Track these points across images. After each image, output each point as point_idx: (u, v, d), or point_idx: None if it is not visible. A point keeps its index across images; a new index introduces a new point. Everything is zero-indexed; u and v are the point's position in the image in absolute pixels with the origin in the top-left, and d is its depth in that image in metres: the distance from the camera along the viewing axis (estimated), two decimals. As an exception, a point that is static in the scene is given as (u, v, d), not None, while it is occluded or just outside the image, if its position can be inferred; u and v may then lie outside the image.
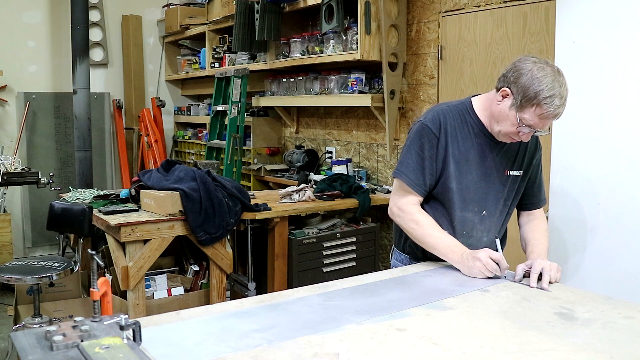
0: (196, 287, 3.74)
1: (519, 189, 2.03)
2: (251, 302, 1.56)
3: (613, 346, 1.30)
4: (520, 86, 1.74)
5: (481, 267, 1.79)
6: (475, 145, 1.93)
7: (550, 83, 1.71)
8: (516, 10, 3.27)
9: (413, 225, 1.94)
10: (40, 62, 5.79)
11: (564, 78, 1.76)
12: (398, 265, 2.12)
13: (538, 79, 1.72)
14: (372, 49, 3.88)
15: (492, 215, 1.99)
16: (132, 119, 6.31)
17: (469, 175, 1.93)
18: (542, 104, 1.72)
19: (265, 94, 5.12)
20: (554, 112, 1.73)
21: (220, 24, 5.41)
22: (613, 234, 2.58)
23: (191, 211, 3.20)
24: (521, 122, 1.77)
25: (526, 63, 1.77)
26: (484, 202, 1.96)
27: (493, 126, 1.88)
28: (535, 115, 1.75)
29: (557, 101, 1.72)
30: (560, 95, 1.72)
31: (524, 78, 1.74)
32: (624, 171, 2.54)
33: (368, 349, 1.26)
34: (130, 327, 1.10)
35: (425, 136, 1.91)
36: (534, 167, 2.04)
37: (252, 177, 5.20)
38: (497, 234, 2.00)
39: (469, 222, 1.97)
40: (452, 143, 1.91)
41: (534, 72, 1.73)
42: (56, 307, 3.79)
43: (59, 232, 3.72)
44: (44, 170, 4.62)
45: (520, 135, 1.82)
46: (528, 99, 1.73)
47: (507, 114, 1.80)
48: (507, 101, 1.80)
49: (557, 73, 1.74)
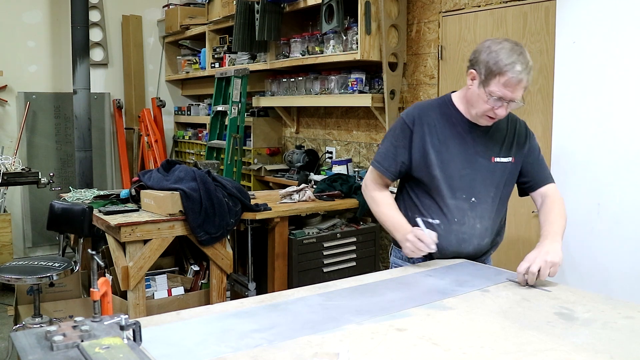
0: (196, 287, 3.74)
1: (512, 175, 2.06)
2: (251, 302, 1.56)
3: (613, 346, 1.30)
4: (482, 62, 1.85)
5: (411, 247, 1.91)
6: (455, 134, 2.00)
7: (507, 52, 1.81)
8: (516, 10, 3.27)
9: (371, 201, 2.14)
10: (41, 62, 5.79)
11: (525, 50, 1.85)
12: (397, 263, 2.16)
13: (496, 51, 1.83)
14: (372, 49, 3.88)
15: (484, 202, 2.02)
16: (132, 119, 6.31)
17: (452, 163, 1.99)
18: (504, 71, 1.81)
19: (265, 94, 5.12)
20: (517, 78, 1.81)
21: (221, 24, 5.41)
22: (613, 234, 2.58)
23: (191, 211, 3.20)
24: (490, 96, 1.85)
25: (485, 43, 1.89)
26: (472, 189, 2.00)
27: (470, 111, 1.97)
28: (500, 85, 1.83)
29: (518, 67, 1.80)
30: (521, 62, 1.81)
31: (483, 54, 1.86)
32: (624, 171, 2.54)
33: (368, 349, 1.26)
34: (130, 327, 1.10)
35: (399, 127, 2.05)
36: (527, 153, 2.07)
37: (252, 177, 5.20)
38: (492, 221, 2.05)
39: (459, 210, 2.01)
40: (430, 133, 2.00)
41: (491, 47, 1.85)
42: (56, 307, 3.79)
43: (59, 232, 3.72)
44: (44, 171, 4.62)
45: (496, 110, 1.89)
46: (490, 72, 1.83)
47: (477, 93, 1.90)
48: (475, 82, 1.91)
49: (514, 45, 1.84)
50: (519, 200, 3.26)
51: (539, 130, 3.18)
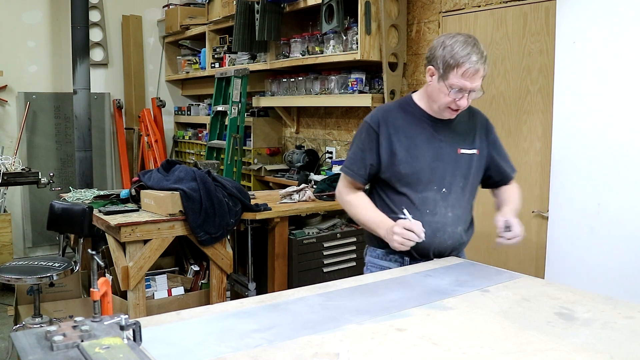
0: (196, 287, 3.74)
1: (479, 166, 2.14)
2: (251, 302, 1.56)
3: (613, 346, 1.30)
4: (439, 57, 1.92)
5: (398, 239, 1.92)
6: (421, 130, 2.06)
7: (462, 44, 1.89)
8: (516, 10, 3.27)
9: (347, 206, 2.16)
10: (41, 62, 5.79)
11: (478, 41, 1.92)
12: (375, 262, 2.18)
13: (450, 45, 1.90)
14: (372, 49, 3.88)
15: (454, 192, 2.08)
16: (132, 119, 6.31)
17: (422, 158, 2.04)
18: (461, 63, 1.87)
19: (265, 94, 5.12)
20: (475, 68, 1.88)
21: (221, 24, 5.41)
22: (613, 234, 2.58)
23: (191, 211, 3.20)
24: (450, 88, 1.92)
25: (439, 39, 1.96)
26: (442, 180, 2.06)
27: (432, 106, 2.04)
28: (459, 77, 1.89)
29: (474, 57, 1.87)
30: (475, 52, 1.88)
31: (439, 50, 1.93)
32: (624, 171, 2.54)
33: (368, 349, 1.26)
34: (130, 327, 1.10)
35: (365, 132, 2.09)
36: (491, 146, 2.17)
37: (252, 177, 5.20)
38: (463, 209, 2.11)
39: (431, 201, 2.05)
40: (397, 133, 2.05)
41: (445, 42, 1.92)
42: (56, 307, 3.79)
43: (59, 232, 3.72)
44: (44, 171, 4.61)
45: (457, 102, 1.95)
46: (448, 65, 1.90)
47: (437, 88, 1.96)
48: (434, 77, 1.97)
49: (467, 37, 1.92)
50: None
51: (539, 130, 3.18)
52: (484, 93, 1.99)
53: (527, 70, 3.22)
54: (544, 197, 3.09)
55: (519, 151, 3.28)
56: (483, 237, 3.51)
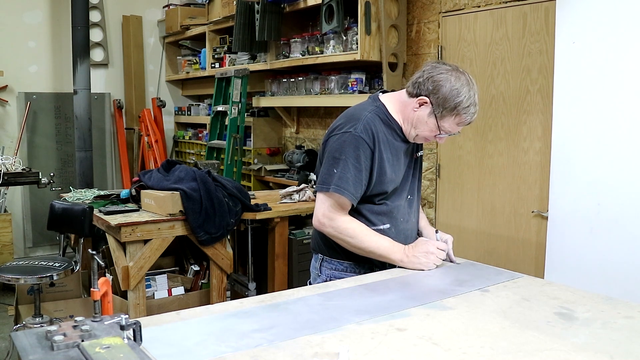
0: (196, 287, 3.74)
1: (422, 167, 2.15)
2: (251, 302, 1.57)
3: (613, 346, 1.30)
4: (441, 97, 1.83)
5: (435, 260, 1.90)
6: (401, 145, 1.98)
7: (467, 93, 1.82)
8: (516, 11, 3.27)
9: (342, 236, 1.92)
10: (41, 63, 5.79)
11: (475, 83, 1.88)
12: (336, 275, 2.01)
13: (457, 89, 1.81)
14: (372, 49, 3.88)
15: (415, 197, 2.10)
16: (132, 119, 6.32)
17: (400, 172, 2.00)
18: (462, 113, 1.84)
19: (265, 94, 5.12)
20: (471, 120, 1.88)
21: (221, 24, 5.41)
22: (613, 234, 2.58)
23: (191, 211, 3.21)
24: (440, 130, 1.88)
25: (442, 73, 1.84)
26: (410, 187, 2.06)
27: (410, 131, 1.94)
28: (454, 124, 1.87)
29: (473, 109, 1.85)
30: (475, 103, 1.86)
31: (443, 89, 1.82)
32: (624, 171, 2.54)
33: (368, 349, 1.26)
34: (130, 327, 1.10)
35: (361, 148, 1.87)
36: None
37: (253, 177, 5.20)
38: (418, 212, 2.14)
39: (402, 209, 2.04)
40: (385, 150, 1.92)
41: (452, 82, 1.82)
42: (57, 307, 3.79)
43: (60, 232, 3.72)
44: (44, 171, 4.62)
45: (437, 138, 1.93)
46: (448, 110, 1.84)
47: (425, 120, 1.89)
48: (425, 109, 1.88)
49: (469, 80, 1.85)
50: (519, 200, 3.28)
51: (539, 130, 3.18)
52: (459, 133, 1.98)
53: (527, 71, 3.22)
54: (543, 197, 3.09)
55: (519, 151, 3.28)
56: (483, 237, 3.51)
